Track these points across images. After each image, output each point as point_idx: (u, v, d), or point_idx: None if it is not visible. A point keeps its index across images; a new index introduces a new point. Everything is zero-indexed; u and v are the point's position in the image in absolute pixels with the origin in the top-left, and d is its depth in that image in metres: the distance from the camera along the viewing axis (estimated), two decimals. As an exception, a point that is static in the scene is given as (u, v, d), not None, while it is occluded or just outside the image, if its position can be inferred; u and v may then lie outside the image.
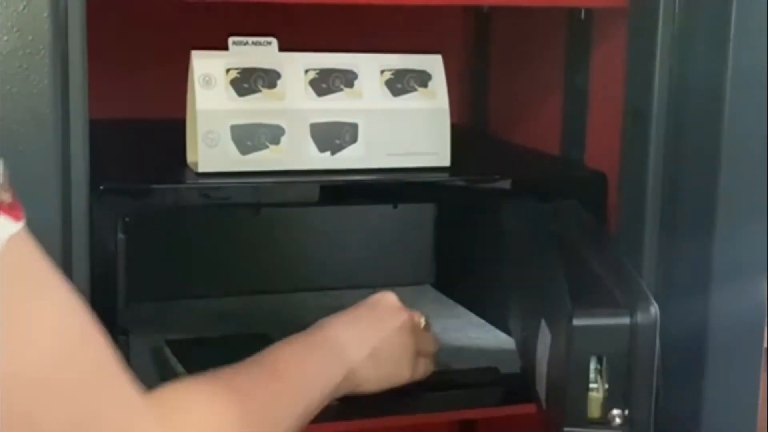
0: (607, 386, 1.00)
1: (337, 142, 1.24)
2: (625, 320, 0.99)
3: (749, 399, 1.20)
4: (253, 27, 1.24)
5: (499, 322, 1.43)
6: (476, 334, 1.43)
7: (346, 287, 1.57)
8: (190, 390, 0.87)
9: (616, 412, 1.00)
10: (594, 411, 1.00)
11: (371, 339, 1.14)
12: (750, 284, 1.19)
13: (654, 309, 0.99)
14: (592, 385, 1.00)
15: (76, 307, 0.75)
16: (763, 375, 1.20)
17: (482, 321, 1.47)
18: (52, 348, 0.72)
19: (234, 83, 1.20)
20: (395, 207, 1.54)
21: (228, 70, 1.20)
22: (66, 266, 1.02)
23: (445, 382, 1.27)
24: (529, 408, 1.18)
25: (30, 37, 0.99)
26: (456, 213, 1.58)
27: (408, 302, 1.53)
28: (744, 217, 1.18)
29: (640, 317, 0.99)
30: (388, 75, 1.26)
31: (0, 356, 0.69)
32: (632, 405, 0.99)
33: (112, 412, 0.77)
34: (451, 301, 1.57)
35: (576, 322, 0.99)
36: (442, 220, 1.63)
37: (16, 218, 0.69)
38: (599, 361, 1.00)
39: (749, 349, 1.20)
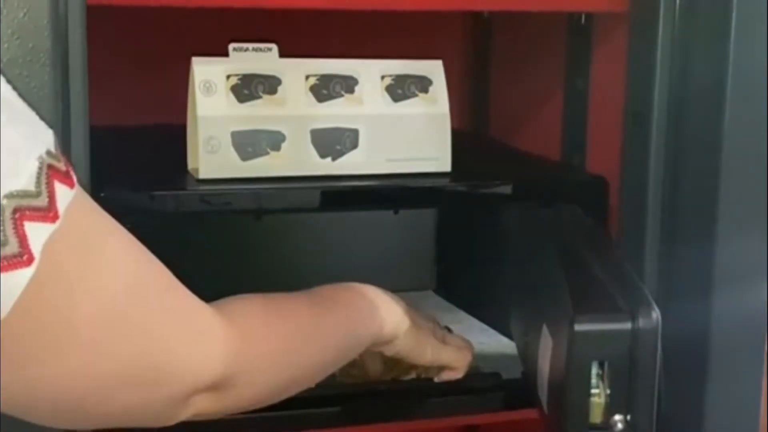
0: (608, 391, 1.00)
1: (338, 147, 1.24)
2: (627, 325, 0.99)
3: (751, 403, 1.20)
4: (254, 33, 1.24)
5: (500, 327, 1.42)
6: (478, 340, 1.43)
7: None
8: (248, 303, 0.95)
9: (618, 417, 1.00)
10: (596, 416, 1.00)
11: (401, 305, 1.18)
12: (751, 288, 1.19)
13: (655, 314, 0.99)
14: (593, 390, 1.00)
15: (134, 244, 0.82)
16: (765, 379, 1.20)
17: (484, 326, 1.47)
18: (122, 289, 0.78)
19: (234, 89, 1.20)
20: (396, 212, 1.54)
21: (228, 77, 1.20)
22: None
23: (447, 388, 1.27)
24: (531, 413, 1.17)
25: (30, 45, 0.99)
26: (457, 218, 1.58)
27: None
28: (745, 221, 1.18)
29: (641, 322, 0.99)
30: (388, 80, 1.26)
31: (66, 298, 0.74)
32: (634, 410, 0.99)
33: (180, 322, 0.84)
34: (452, 307, 1.57)
35: (577, 327, 0.98)
36: (444, 225, 1.62)
37: (71, 185, 0.74)
38: (601, 366, 1.00)
39: (751, 354, 1.20)
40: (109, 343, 0.77)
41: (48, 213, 0.72)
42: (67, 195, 0.74)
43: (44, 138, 0.75)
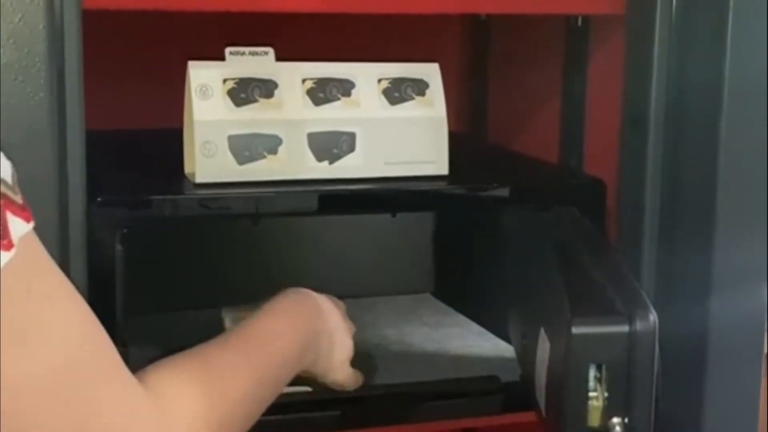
0: (606, 394, 1.00)
1: (335, 151, 1.23)
2: (624, 328, 0.99)
3: (749, 405, 1.20)
4: (250, 37, 1.24)
5: (498, 330, 1.42)
6: (476, 343, 1.43)
7: (345, 297, 1.56)
8: (169, 371, 0.88)
9: (615, 420, 1.00)
10: (594, 419, 1.00)
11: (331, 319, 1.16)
12: (749, 291, 1.19)
13: (653, 316, 0.99)
14: (591, 393, 1.00)
15: (81, 308, 0.77)
16: (764, 381, 1.20)
17: (482, 329, 1.47)
18: (61, 351, 0.74)
19: (231, 93, 1.20)
20: (394, 216, 1.54)
21: (225, 80, 1.20)
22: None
23: (446, 391, 1.27)
24: (530, 416, 1.17)
25: (26, 50, 0.99)
26: (455, 221, 1.57)
27: (407, 311, 1.54)
28: (743, 224, 1.18)
29: (639, 325, 0.99)
30: (385, 84, 1.26)
31: (4, 358, 0.70)
32: (632, 413, 0.99)
33: (114, 409, 0.78)
34: (450, 310, 1.57)
35: (575, 330, 0.98)
36: (441, 228, 1.62)
37: (27, 219, 0.71)
38: (598, 368, 1.00)
39: (749, 356, 1.20)
40: (49, 411, 0.74)
41: (1, 240, 0.69)
42: (21, 227, 0.70)
43: (3, 168, 0.71)
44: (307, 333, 1.10)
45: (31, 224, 0.72)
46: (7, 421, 0.72)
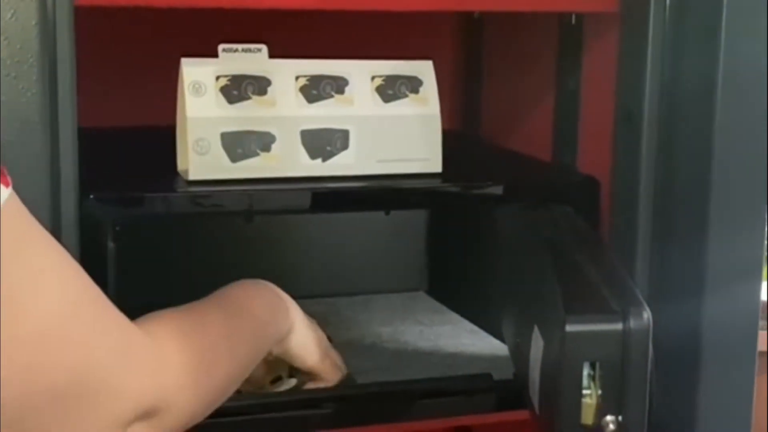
0: (600, 392, 0.99)
1: (328, 148, 1.23)
2: (618, 326, 0.99)
3: (743, 403, 1.20)
4: (243, 34, 1.23)
5: (491, 328, 1.42)
6: (469, 341, 1.43)
7: (338, 294, 1.57)
8: (164, 322, 0.91)
9: (609, 418, 0.99)
10: (587, 417, 1.00)
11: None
12: (743, 289, 1.19)
13: (647, 314, 0.99)
14: (585, 391, 1.00)
15: (71, 261, 0.79)
16: (757, 379, 1.20)
17: (475, 327, 1.47)
18: (58, 302, 0.76)
19: (224, 90, 1.20)
20: (387, 214, 1.54)
21: (218, 78, 1.20)
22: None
23: (439, 389, 1.27)
24: (523, 414, 1.17)
25: (18, 46, 0.99)
26: (448, 219, 1.57)
27: (401, 309, 1.54)
28: (737, 221, 1.18)
29: (633, 323, 0.99)
30: (378, 81, 1.26)
31: (4, 316, 0.72)
32: (626, 411, 0.99)
33: (112, 347, 0.81)
34: (444, 308, 1.57)
35: (569, 328, 0.98)
36: (435, 226, 1.62)
37: (5, 184, 0.72)
38: (592, 366, 1.00)
39: (743, 354, 1.20)
40: (46, 362, 0.75)
41: None
42: (1, 192, 0.72)
43: None
44: (278, 304, 1.12)
45: (10, 189, 0.73)
46: (6, 373, 0.73)
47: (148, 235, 1.40)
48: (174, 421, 0.87)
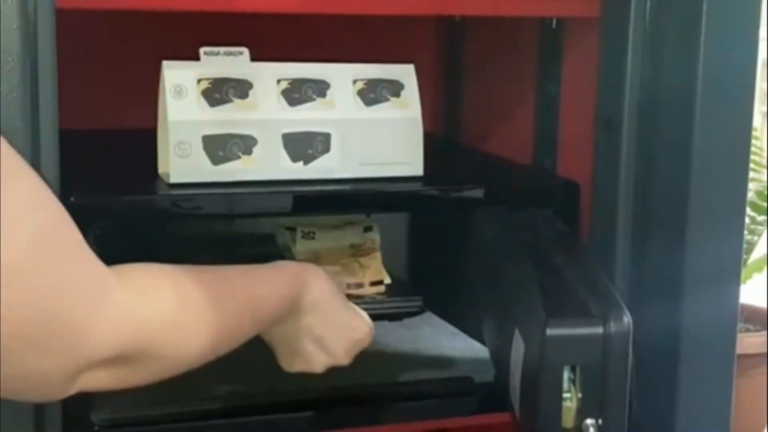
0: (580, 396, 1.00)
1: (310, 152, 1.23)
2: (599, 330, 0.99)
3: (722, 405, 1.21)
4: (225, 37, 1.23)
5: (472, 330, 1.42)
6: (449, 343, 1.43)
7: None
8: (146, 268, 0.88)
9: (590, 421, 1.00)
10: (568, 420, 1.01)
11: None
12: (722, 291, 1.20)
13: (627, 319, 1.00)
14: (565, 395, 1.00)
15: (46, 188, 0.75)
16: (757, 381, 1.21)
17: (455, 330, 1.47)
18: (32, 228, 0.73)
19: (205, 93, 1.20)
20: (368, 216, 1.54)
21: (199, 81, 1.20)
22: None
23: (419, 392, 1.27)
24: (503, 417, 1.18)
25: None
26: (429, 222, 1.58)
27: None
28: (715, 225, 1.19)
29: (613, 327, 0.99)
30: (360, 85, 1.26)
31: None
32: (606, 414, 1.00)
33: (83, 284, 0.77)
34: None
35: (549, 332, 0.99)
36: (415, 229, 1.62)
37: None
38: (573, 370, 1.00)
39: (722, 356, 1.21)
40: (13, 295, 0.72)
41: None
42: None
43: None
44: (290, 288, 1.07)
45: None
46: None
47: (130, 238, 1.40)
48: (162, 361, 0.86)
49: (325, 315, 1.10)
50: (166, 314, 0.86)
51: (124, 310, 0.81)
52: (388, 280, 1.39)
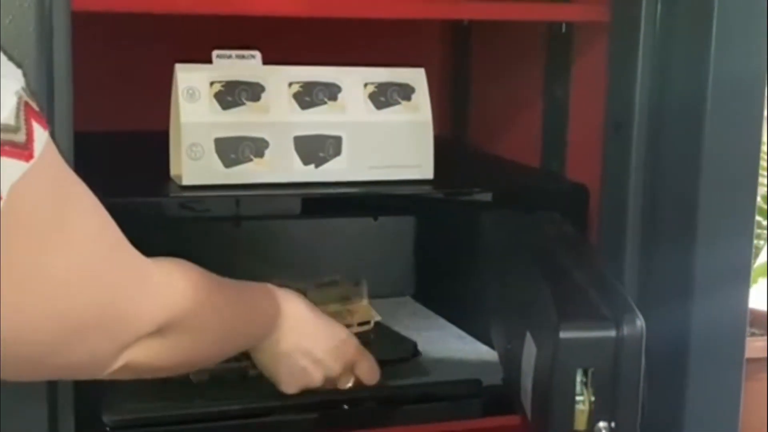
0: (593, 399, 1.00)
1: (321, 155, 1.24)
2: (611, 333, 1.00)
3: (731, 408, 1.21)
4: (237, 40, 1.24)
5: (479, 333, 1.43)
6: (457, 346, 1.43)
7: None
8: (183, 267, 0.98)
9: (602, 424, 1.00)
10: (580, 423, 1.01)
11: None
12: (731, 294, 1.21)
13: (640, 322, 1.00)
14: (578, 398, 1.00)
15: (95, 198, 0.83)
16: (757, 385, 1.21)
17: (463, 333, 1.47)
18: (90, 242, 0.80)
19: (218, 96, 1.20)
20: (375, 219, 1.54)
21: (212, 83, 1.20)
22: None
23: (427, 394, 1.27)
24: (512, 420, 1.18)
25: (15, 52, 0.97)
26: (438, 225, 1.58)
27: (388, 314, 1.54)
28: (725, 228, 1.19)
29: (626, 330, 0.99)
30: (371, 88, 1.26)
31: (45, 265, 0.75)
32: (618, 417, 1.00)
33: (130, 277, 0.87)
34: (431, 313, 1.57)
35: (562, 334, 0.99)
36: (424, 232, 1.63)
37: (44, 126, 0.73)
38: (585, 373, 1.00)
39: (731, 359, 1.21)
40: (77, 293, 0.79)
41: (24, 151, 0.70)
42: (42, 136, 0.73)
43: (17, 75, 0.73)
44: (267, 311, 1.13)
45: (48, 131, 0.74)
46: (44, 296, 0.77)
47: (140, 240, 1.40)
48: (183, 336, 0.94)
49: (307, 327, 1.16)
50: (190, 299, 0.94)
51: (162, 291, 0.91)
52: (377, 318, 1.40)
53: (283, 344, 1.14)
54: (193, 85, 1.20)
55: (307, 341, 1.16)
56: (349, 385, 1.21)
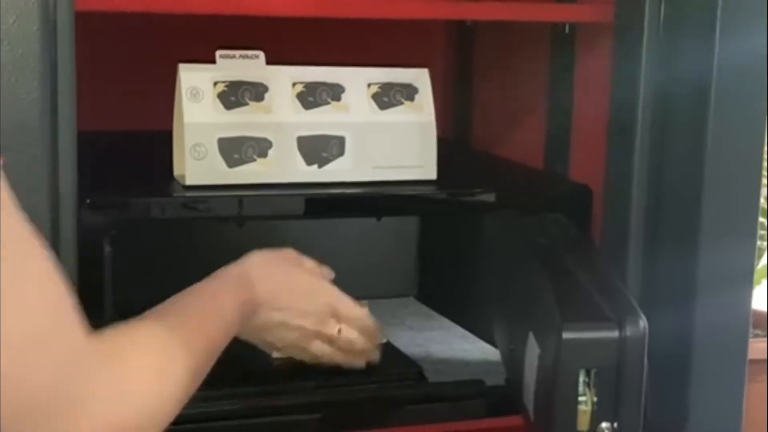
0: (595, 399, 1.00)
1: (324, 155, 1.24)
2: (614, 333, 1.00)
3: (734, 409, 1.21)
4: (241, 40, 1.24)
5: (482, 333, 1.43)
6: (460, 346, 1.43)
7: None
8: (132, 328, 0.88)
9: (605, 424, 1.00)
10: (583, 424, 1.01)
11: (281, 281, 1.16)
12: (734, 295, 1.21)
13: (642, 322, 1.00)
14: (580, 398, 1.01)
15: (44, 254, 0.74)
16: (757, 386, 1.21)
17: (466, 333, 1.47)
18: (37, 310, 0.73)
19: (221, 96, 1.20)
20: (379, 219, 1.54)
21: (215, 83, 1.20)
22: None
23: (430, 394, 1.27)
24: (515, 420, 1.18)
25: (20, 51, 0.99)
26: (440, 225, 1.58)
27: (391, 314, 1.55)
28: (727, 230, 1.19)
29: (628, 330, 1.00)
30: (374, 88, 1.27)
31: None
32: (621, 418, 1.00)
33: (65, 358, 0.76)
34: (434, 313, 1.57)
35: (565, 335, 0.99)
36: (426, 232, 1.63)
37: None
38: (588, 374, 1.00)
39: (734, 360, 1.21)
40: (28, 373, 0.73)
41: None
42: None
43: None
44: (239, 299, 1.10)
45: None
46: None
47: (145, 240, 1.40)
48: (151, 420, 0.85)
49: (288, 293, 1.15)
50: (149, 382, 0.85)
51: (114, 387, 0.80)
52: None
53: (271, 316, 1.13)
54: (196, 85, 1.20)
55: (283, 306, 1.15)
56: (337, 330, 1.20)
